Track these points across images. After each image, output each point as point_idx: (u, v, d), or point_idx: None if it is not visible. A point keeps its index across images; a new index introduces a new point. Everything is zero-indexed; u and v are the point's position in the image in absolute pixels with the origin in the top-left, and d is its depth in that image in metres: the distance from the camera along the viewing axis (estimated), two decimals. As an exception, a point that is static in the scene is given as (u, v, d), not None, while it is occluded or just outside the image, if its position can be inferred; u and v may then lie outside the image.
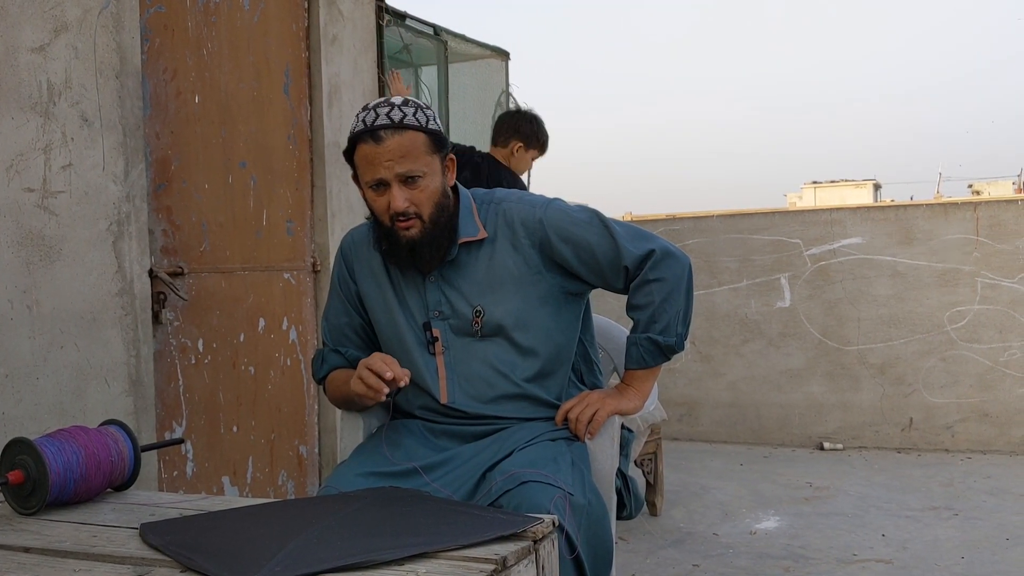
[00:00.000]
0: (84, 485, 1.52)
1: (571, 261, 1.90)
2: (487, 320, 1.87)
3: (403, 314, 1.92)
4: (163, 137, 2.83)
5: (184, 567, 1.19)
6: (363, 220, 2.04)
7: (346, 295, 2.02)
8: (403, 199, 1.80)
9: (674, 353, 1.94)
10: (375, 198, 1.84)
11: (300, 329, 3.37)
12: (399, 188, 1.80)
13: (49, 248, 2.40)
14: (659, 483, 4.01)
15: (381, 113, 1.81)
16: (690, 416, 5.77)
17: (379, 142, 1.79)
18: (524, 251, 1.89)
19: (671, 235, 5.80)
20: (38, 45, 2.39)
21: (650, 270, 1.91)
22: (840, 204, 6.66)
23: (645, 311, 1.92)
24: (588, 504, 1.69)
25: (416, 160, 1.81)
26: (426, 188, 1.82)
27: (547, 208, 1.92)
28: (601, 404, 1.89)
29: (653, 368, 1.95)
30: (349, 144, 1.86)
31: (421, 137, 1.82)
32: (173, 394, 2.84)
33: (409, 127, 1.81)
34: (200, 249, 2.95)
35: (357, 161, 1.85)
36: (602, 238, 1.91)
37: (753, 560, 3.37)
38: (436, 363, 1.90)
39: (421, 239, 1.83)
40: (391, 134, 1.79)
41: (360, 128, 1.82)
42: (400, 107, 1.82)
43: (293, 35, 3.40)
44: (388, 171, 1.80)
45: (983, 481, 4.45)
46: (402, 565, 1.15)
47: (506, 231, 1.91)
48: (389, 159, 1.79)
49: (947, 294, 5.20)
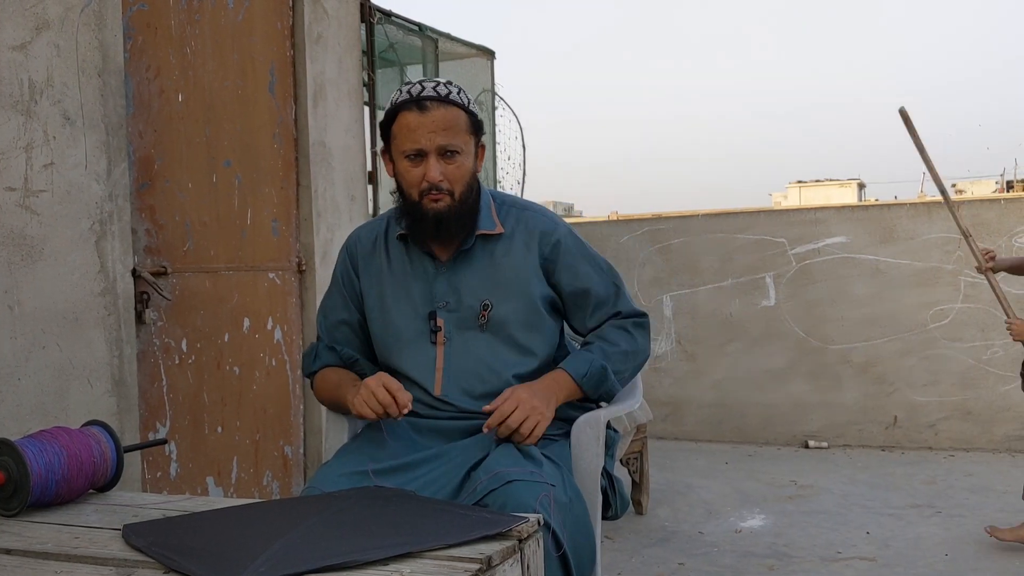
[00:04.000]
0: (66, 486, 1.51)
1: (563, 288, 1.95)
2: (493, 315, 1.89)
3: (406, 305, 1.93)
4: (146, 136, 2.81)
5: (167, 568, 1.18)
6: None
7: (348, 292, 2.02)
8: (439, 171, 1.83)
9: (597, 395, 1.92)
10: (409, 168, 1.85)
11: (285, 329, 3.35)
12: (436, 160, 1.83)
13: (31, 248, 2.38)
14: (644, 482, 4.02)
15: (427, 86, 1.85)
16: (675, 415, 5.78)
17: (424, 112, 1.82)
18: (533, 257, 1.93)
19: (656, 235, 5.82)
20: (19, 43, 2.37)
21: (634, 326, 1.98)
22: (824, 203, 6.68)
23: (610, 346, 1.95)
24: (569, 502, 1.70)
25: (457, 135, 1.84)
26: (461, 166, 1.86)
27: (568, 233, 1.98)
28: (542, 417, 1.79)
29: (577, 388, 1.89)
30: (388, 114, 1.88)
31: (463, 115, 1.86)
32: (157, 394, 2.82)
33: (454, 103, 1.85)
34: (184, 248, 2.94)
35: (396, 131, 1.86)
36: (605, 283, 1.98)
37: (738, 558, 3.38)
38: (436, 353, 1.90)
39: (449, 214, 1.85)
40: (436, 106, 1.83)
41: (405, 98, 1.84)
42: (445, 84, 1.87)
43: (278, 33, 3.39)
44: (429, 142, 1.82)
45: (965, 479, 4.48)
46: (387, 565, 1.15)
47: (523, 233, 1.94)
48: (432, 130, 1.81)
49: (930, 293, 5.23)
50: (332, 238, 3.52)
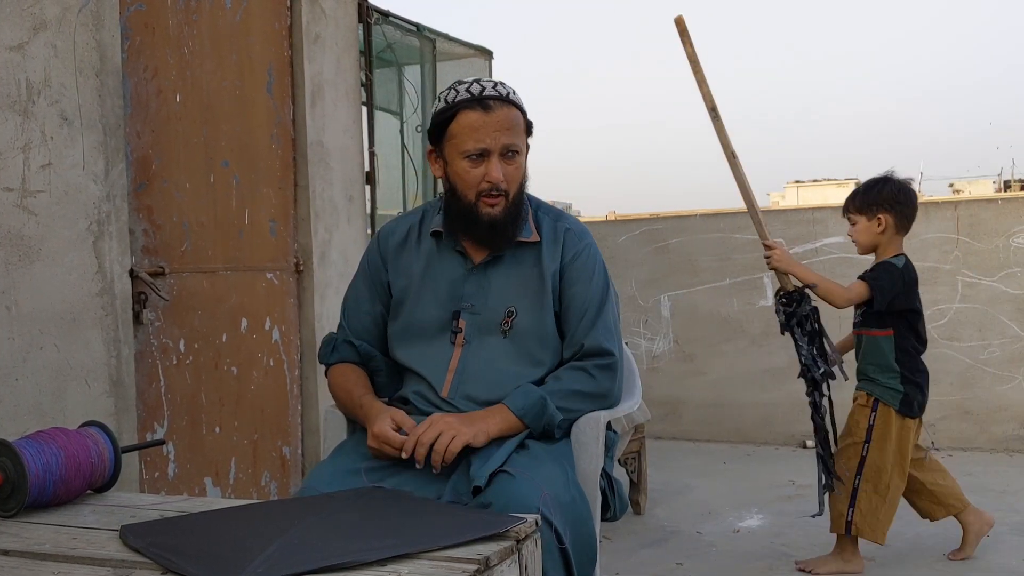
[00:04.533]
0: (64, 487, 1.51)
1: (563, 304, 1.91)
2: (517, 322, 1.88)
3: (432, 301, 1.92)
4: (144, 136, 2.81)
5: (165, 569, 1.18)
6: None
7: (375, 282, 2.00)
8: (500, 171, 1.82)
9: (541, 427, 1.83)
10: (469, 168, 1.83)
11: (283, 329, 3.35)
12: (499, 160, 1.82)
13: (28, 248, 2.38)
14: (642, 482, 4.02)
15: (487, 86, 1.83)
16: (673, 415, 5.78)
17: (488, 111, 1.80)
18: (555, 267, 1.91)
19: (653, 234, 5.82)
20: (16, 43, 2.37)
21: (596, 368, 1.89)
22: (822, 203, 6.69)
23: (559, 383, 1.87)
24: (572, 501, 1.69)
25: (518, 135, 1.84)
26: (520, 167, 1.86)
27: (588, 248, 1.94)
28: (457, 432, 1.72)
29: (518, 420, 1.82)
30: (446, 113, 1.83)
31: (520, 116, 1.86)
32: (154, 395, 2.82)
33: (514, 103, 1.84)
34: (181, 249, 2.93)
35: (457, 130, 1.83)
36: (590, 314, 1.90)
37: (736, 558, 3.38)
38: (452, 354, 1.89)
39: (504, 218, 1.84)
40: (499, 105, 1.81)
41: (466, 97, 1.82)
42: (501, 84, 1.86)
43: (276, 33, 3.38)
44: (495, 141, 1.80)
45: (964, 478, 4.46)
46: (384, 566, 1.14)
47: (552, 243, 1.92)
48: (497, 129, 1.80)
49: (927, 292, 5.21)
50: (330, 239, 3.52)
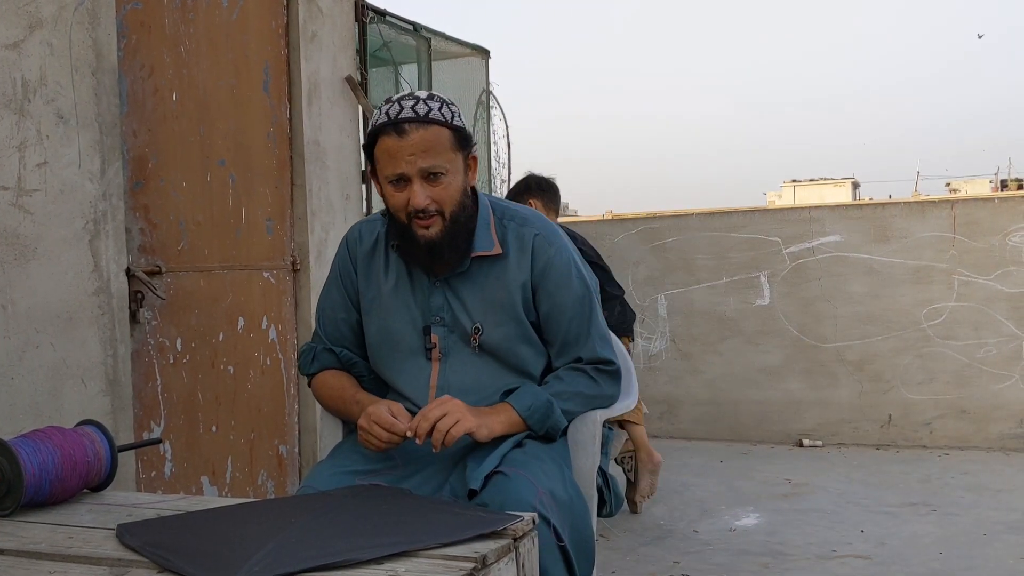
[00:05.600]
0: (60, 486, 1.51)
1: (539, 311, 1.88)
2: (484, 339, 1.84)
3: (405, 315, 1.88)
4: (140, 135, 2.81)
5: (161, 568, 1.18)
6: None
7: (348, 289, 1.96)
8: (424, 196, 1.75)
9: (544, 429, 1.82)
10: (393, 193, 1.78)
11: (280, 328, 3.35)
12: (420, 184, 1.75)
13: (24, 247, 2.37)
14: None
15: (406, 106, 1.75)
16: (669, 413, 5.78)
17: (402, 135, 1.73)
18: (525, 276, 1.86)
19: (650, 233, 5.82)
20: (12, 42, 2.36)
21: (597, 372, 1.89)
22: (819, 202, 6.69)
23: (563, 385, 1.87)
24: (570, 500, 1.69)
25: (439, 156, 1.75)
26: (448, 186, 1.77)
27: (560, 252, 1.89)
28: (462, 417, 1.70)
29: (521, 421, 1.81)
30: (370, 137, 1.80)
31: (446, 133, 1.76)
32: (151, 394, 2.81)
33: (434, 122, 1.75)
34: (178, 248, 2.93)
35: (378, 155, 1.78)
36: (579, 320, 1.88)
37: (732, 556, 3.38)
38: (431, 370, 1.86)
39: (441, 239, 1.78)
40: (415, 128, 1.73)
41: (383, 120, 1.76)
42: (425, 101, 1.76)
43: (272, 32, 3.38)
44: (410, 166, 1.74)
45: (960, 477, 4.49)
46: (382, 564, 1.14)
47: (518, 252, 1.87)
48: (412, 153, 1.73)
49: (923, 291, 5.24)
50: (327, 237, 3.52)
